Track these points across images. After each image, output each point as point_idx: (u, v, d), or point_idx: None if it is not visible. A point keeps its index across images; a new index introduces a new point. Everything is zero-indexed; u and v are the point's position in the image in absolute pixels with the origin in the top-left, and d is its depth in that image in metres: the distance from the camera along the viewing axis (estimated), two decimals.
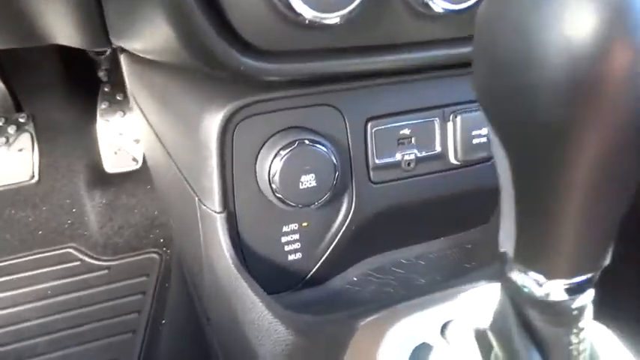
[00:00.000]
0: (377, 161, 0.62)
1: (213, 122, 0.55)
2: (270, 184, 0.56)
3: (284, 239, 0.61)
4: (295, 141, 0.55)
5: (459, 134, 0.65)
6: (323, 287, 0.65)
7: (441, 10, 0.49)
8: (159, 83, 0.71)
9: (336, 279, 0.66)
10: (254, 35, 0.47)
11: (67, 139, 1.34)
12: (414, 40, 0.54)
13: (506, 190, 0.31)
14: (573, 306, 0.31)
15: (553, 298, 0.30)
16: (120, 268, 1.30)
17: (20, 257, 1.27)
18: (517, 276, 0.33)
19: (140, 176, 1.35)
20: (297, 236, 0.62)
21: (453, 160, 0.66)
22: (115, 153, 1.23)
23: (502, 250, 0.34)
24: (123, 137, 1.22)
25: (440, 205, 0.68)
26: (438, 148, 0.65)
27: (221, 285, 0.56)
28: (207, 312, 0.66)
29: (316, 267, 0.64)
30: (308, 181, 0.56)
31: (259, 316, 0.52)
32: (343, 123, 0.60)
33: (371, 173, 0.63)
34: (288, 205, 0.57)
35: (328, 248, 0.64)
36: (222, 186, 0.56)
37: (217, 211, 0.57)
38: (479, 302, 0.45)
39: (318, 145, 0.56)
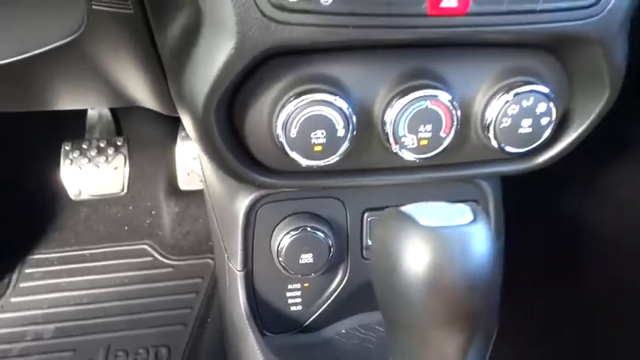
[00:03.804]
0: (369, 242, 0.79)
1: (242, 206, 0.74)
2: (277, 256, 0.74)
3: (288, 294, 0.80)
4: (300, 227, 0.73)
5: None
6: (316, 334, 0.83)
7: (412, 159, 0.62)
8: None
9: (328, 329, 0.84)
10: (267, 161, 0.63)
11: (153, 153, 1.59)
12: (396, 166, 0.68)
13: None
14: None
15: None
16: (182, 268, 1.52)
17: (106, 247, 1.54)
18: None
19: None
20: (299, 293, 0.80)
21: None
22: (188, 174, 1.46)
23: None
24: (195, 162, 1.45)
25: None
26: None
27: (233, 325, 0.76)
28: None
29: (313, 317, 0.82)
30: (306, 258, 0.74)
31: (252, 351, 0.71)
32: (344, 212, 0.77)
33: (364, 251, 0.79)
34: (291, 274, 0.75)
35: (324, 304, 0.81)
36: (244, 252, 0.75)
37: (239, 269, 0.76)
38: None
39: (317, 232, 0.74)
